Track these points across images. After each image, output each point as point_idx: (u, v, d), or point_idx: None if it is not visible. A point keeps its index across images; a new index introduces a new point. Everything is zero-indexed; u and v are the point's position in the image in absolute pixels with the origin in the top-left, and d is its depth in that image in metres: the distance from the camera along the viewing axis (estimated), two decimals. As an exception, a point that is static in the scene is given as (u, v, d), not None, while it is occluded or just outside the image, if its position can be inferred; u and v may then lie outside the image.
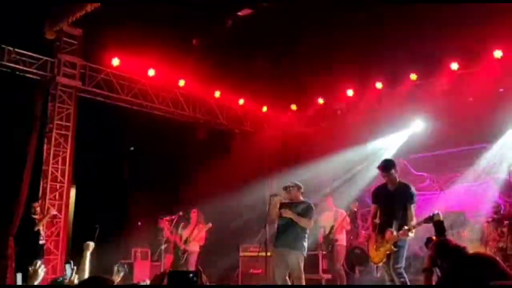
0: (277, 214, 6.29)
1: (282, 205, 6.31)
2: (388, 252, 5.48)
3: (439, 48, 8.97)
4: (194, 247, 8.63)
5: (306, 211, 6.20)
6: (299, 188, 6.39)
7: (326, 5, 8.11)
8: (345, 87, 11.32)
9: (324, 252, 8.75)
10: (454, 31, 8.43)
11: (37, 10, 9.04)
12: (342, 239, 8.38)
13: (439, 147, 10.49)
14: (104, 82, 10.30)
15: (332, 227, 8.29)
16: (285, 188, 6.32)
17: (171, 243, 9.00)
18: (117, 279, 3.92)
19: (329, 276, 9.32)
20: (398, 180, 5.73)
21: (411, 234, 5.41)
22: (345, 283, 8.09)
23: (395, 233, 5.44)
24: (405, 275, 5.44)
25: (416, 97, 10.67)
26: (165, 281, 2.56)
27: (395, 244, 5.43)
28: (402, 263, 5.48)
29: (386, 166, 5.73)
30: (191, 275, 2.37)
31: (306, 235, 6.21)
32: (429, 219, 5.26)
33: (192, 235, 8.61)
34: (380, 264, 5.66)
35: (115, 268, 4.10)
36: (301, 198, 6.39)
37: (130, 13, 8.44)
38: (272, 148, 12.36)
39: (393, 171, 5.68)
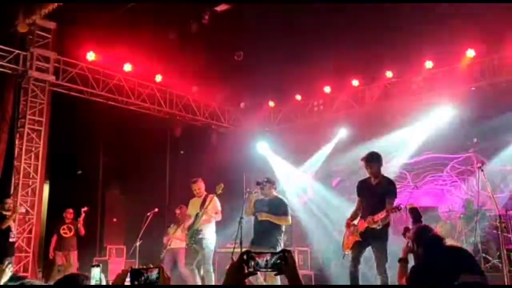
0: (252, 211, 6.25)
1: (257, 202, 6.26)
2: (355, 240, 5.55)
3: (414, 47, 9.10)
4: (181, 244, 8.18)
5: (281, 209, 6.15)
6: (272, 183, 6.32)
7: (302, 4, 8.14)
8: (323, 84, 11.42)
9: (189, 246, 7.00)
10: (429, 30, 8.58)
11: (9, 2, 8.81)
12: (209, 231, 6.96)
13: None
14: (78, 77, 10.12)
15: (197, 215, 6.93)
16: (258, 184, 6.21)
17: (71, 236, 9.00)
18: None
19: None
20: (381, 174, 5.76)
21: (375, 226, 5.44)
22: (213, 283, 6.79)
23: (364, 224, 5.53)
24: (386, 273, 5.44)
25: (391, 94, 10.84)
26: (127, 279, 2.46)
27: (361, 234, 5.53)
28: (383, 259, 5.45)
29: (369, 157, 5.77)
30: (151, 273, 2.32)
31: (282, 233, 6.21)
32: (394, 210, 5.33)
33: (177, 233, 8.30)
34: (347, 251, 5.72)
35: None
36: (275, 193, 6.34)
37: (106, 6, 8.31)
38: (249, 144, 12.37)
39: (376, 164, 5.71)
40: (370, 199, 5.71)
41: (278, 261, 2.10)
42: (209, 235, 6.89)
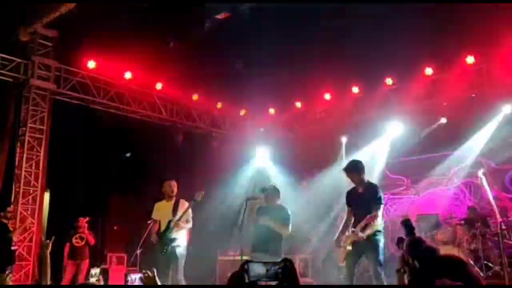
0: (254, 218, 6.22)
1: (259, 209, 6.20)
2: (347, 251, 5.53)
3: (413, 54, 9.12)
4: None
5: (284, 217, 6.07)
6: (277, 192, 6.25)
7: (302, 10, 8.18)
8: (323, 91, 11.44)
9: (162, 255, 6.44)
10: (428, 37, 8.60)
11: (11, 11, 8.86)
12: (182, 238, 6.57)
13: (414, 152, 10.66)
14: (79, 85, 10.16)
15: (169, 222, 6.48)
16: (263, 190, 6.18)
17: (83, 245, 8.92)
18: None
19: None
20: (365, 181, 5.71)
21: (361, 234, 5.39)
22: None
23: (350, 233, 5.51)
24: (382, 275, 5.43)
25: (391, 101, 10.84)
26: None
27: (350, 244, 5.49)
28: (376, 264, 5.43)
29: (348, 168, 5.74)
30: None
31: (283, 240, 6.10)
32: (376, 216, 5.32)
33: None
34: (342, 263, 5.69)
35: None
36: (278, 202, 6.26)
37: (107, 14, 8.35)
38: (250, 151, 12.36)
39: (355, 173, 5.67)
40: (358, 208, 5.67)
41: (280, 270, 2.08)
42: (183, 243, 6.63)
